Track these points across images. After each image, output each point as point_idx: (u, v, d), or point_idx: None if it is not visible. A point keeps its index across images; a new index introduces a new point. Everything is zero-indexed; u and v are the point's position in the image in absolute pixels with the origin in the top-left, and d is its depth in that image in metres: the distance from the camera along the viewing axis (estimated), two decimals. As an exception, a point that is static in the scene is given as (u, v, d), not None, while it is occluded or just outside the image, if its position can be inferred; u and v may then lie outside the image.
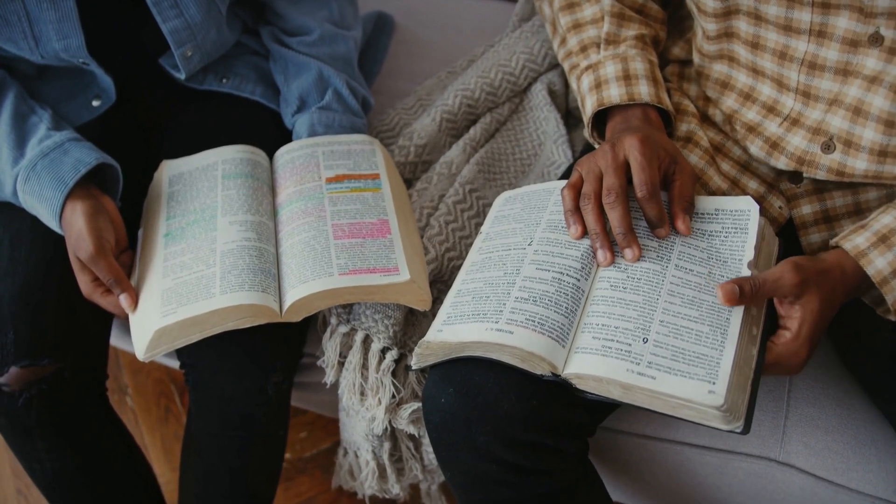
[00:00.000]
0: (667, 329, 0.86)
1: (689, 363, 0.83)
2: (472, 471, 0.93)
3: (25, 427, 1.07)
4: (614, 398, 0.84)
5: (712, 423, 0.81)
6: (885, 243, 0.89)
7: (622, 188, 0.92)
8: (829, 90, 0.97)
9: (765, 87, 1.03)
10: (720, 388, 0.80)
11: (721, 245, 0.92)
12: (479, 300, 0.94)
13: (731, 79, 1.07)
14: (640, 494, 1.20)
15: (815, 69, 0.96)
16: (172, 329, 0.97)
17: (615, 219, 0.91)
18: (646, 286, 0.90)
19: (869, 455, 1.02)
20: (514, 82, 1.36)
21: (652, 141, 0.94)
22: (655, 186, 0.91)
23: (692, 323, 0.86)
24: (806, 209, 1.05)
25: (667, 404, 0.82)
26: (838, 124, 0.97)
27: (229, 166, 1.13)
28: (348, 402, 1.11)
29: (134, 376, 1.77)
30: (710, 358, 0.83)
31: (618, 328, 0.87)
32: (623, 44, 1.09)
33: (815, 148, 0.99)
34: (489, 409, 0.89)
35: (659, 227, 0.92)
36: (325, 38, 1.23)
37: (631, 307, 0.88)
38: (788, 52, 0.97)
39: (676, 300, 0.88)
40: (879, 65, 0.92)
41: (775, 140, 1.03)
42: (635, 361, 0.84)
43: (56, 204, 1.02)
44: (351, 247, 1.03)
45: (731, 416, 0.80)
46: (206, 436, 1.15)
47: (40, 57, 1.08)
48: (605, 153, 0.94)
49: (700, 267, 0.91)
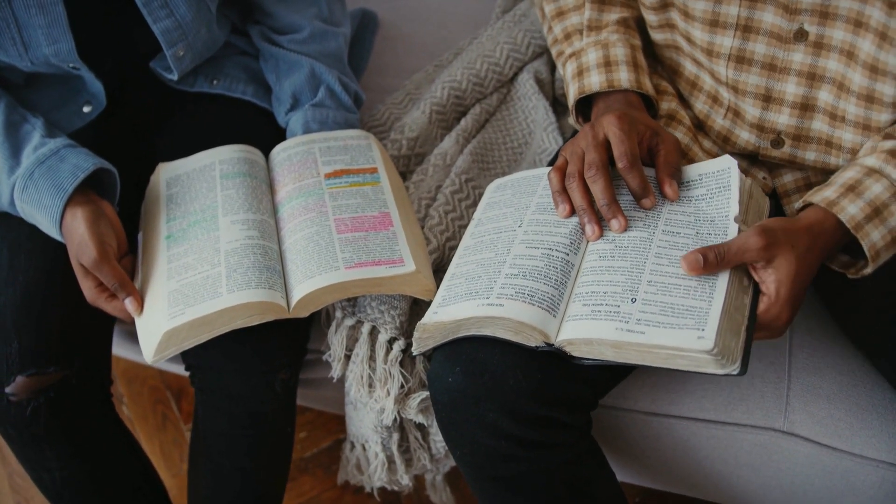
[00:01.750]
0: (654, 288, 0.87)
1: (678, 316, 0.84)
2: (481, 448, 0.94)
3: (34, 436, 1.07)
4: (608, 359, 0.86)
5: (707, 369, 0.82)
6: (853, 192, 0.90)
7: (603, 162, 0.94)
8: (757, 84, 0.99)
9: (706, 77, 1.06)
10: (709, 334, 0.81)
11: (707, 207, 0.93)
12: (471, 280, 0.96)
13: (679, 66, 1.10)
14: (645, 472, 1.22)
15: (743, 63, 0.99)
16: (181, 330, 0.97)
17: (598, 191, 0.93)
18: (633, 253, 0.91)
19: (871, 420, 1.05)
20: (500, 72, 1.37)
21: (630, 116, 0.97)
22: (635, 156, 0.93)
23: (680, 280, 0.87)
24: (787, 178, 1.08)
25: (658, 357, 0.83)
26: (785, 121, 1.00)
27: (227, 166, 1.13)
28: (356, 394, 1.11)
29: (129, 385, 1.76)
30: (699, 309, 0.84)
31: (606, 293, 0.89)
32: (605, 29, 1.10)
33: (765, 143, 1.03)
34: (496, 385, 0.91)
35: (643, 197, 0.93)
36: (316, 35, 1.23)
37: (619, 272, 0.90)
38: (714, 48, 1.00)
39: (664, 261, 0.89)
40: (808, 59, 0.95)
41: (725, 135, 1.07)
42: (624, 320, 0.85)
43: (56, 211, 1.02)
44: (355, 240, 1.04)
45: (725, 360, 0.81)
46: (214, 436, 1.16)
47: (30, 63, 1.07)
48: (586, 134, 0.97)
49: (687, 230, 0.92)
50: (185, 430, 1.68)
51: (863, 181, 0.91)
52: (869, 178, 0.91)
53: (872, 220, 0.90)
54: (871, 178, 0.91)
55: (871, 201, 0.90)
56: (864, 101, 0.94)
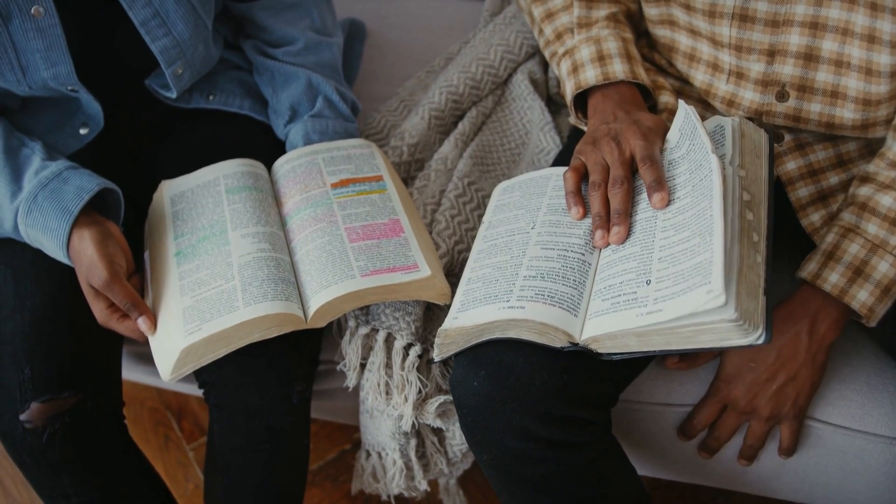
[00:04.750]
0: (665, 263, 0.85)
1: (688, 279, 0.81)
2: (508, 451, 0.95)
3: (51, 464, 1.06)
4: (634, 350, 0.86)
5: (732, 340, 0.79)
6: (833, 258, 0.97)
7: (628, 178, 0.96)
8: (761, 41, 1.01)
9: (704, 45, 1.08)
10: (716, 284, 0.77)
11: (694, 157, 0.91)
12: (489, 284, 0.96)
13: (674, 42, 1.12)
14: (660, 464, 1.23)
15: (746, 21, 1.01)
16: (199, 346, 0.97)
17: (617, 202, 0.94)
18: (641, 235, 0.91)
19: (882, 399, 1.06)
20: (495, 74, 1.38)
21: (652, 131, 0.99)
22: (655, 159, 0.95)
23: (685, 243, 0.85)
24: (791, 165, 1.09)
25: (682, 337, 0.82)
26: (790, 72, 1.02)
27: (231, 181, 1.13)
28: (373, 402, 1.11)
29: (128, 407, 1.71)
30: (704, 262, 0.80)
31: (622, 282, 0.88)
32: (595, 26, 1.12)
33: (770, 98, 1.05)
34: (522, 387, 0.91)
35: (657, 190, 0.92)
36: (310, 46, 1.23)
37: (631, 259, 0.90)
38: (717, 9, 1.01)
39: (670, 232, 0.88)
40: (810, 10, 0.97)
41: (730, 98, 1.08)
42: (642, 304, 0.84)
43: (62, 234, 1.01)
44: (368, 248, 1.04)
45: (747, 325, 0.78)
46: (231, 453, 1.15)
47: (28, 88, 1.06)
48: (612, 149, 0.98)
49: (684, 190, 0.91)
50: (188, 450, 1.67)
51: (840, 244, 0.97)
52: (845, 239, 0.97)
53: (856, 282, 0.96)
54: (846, 238, 0.97)
55: (850, 263, 0.96)
56: (866, 41, 0.96)
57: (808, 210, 1.09)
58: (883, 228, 0.96)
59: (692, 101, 1.15)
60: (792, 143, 1.09)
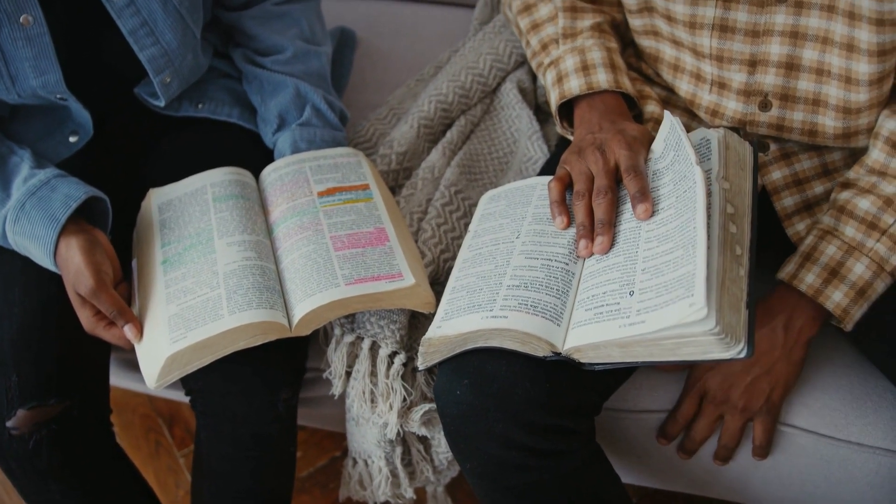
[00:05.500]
0: (649, 274, 0.86)
1: (670, 291, 0.81)
2: (492, 459, 0.95)
3: (38, 471, 1.06)
4: (616, 360, 0.86)
5: (713, 354, 0.78)
6: (809, 259, 0.98)
7: (612, 188, 0.96)
8: (742, 52, 1.02)
9: (686, 56, 1.08)
10: (698, 297, 0.77)
11: (678, 168, 0.91)
12: (473, 293, 0.97)
13: (659, 52, 1.13)
14: (646, 472, 1.23)
15: (727, 31, 1.01)
16: (184, 354, 0.97)
17: (601, 212, 0.95)
18: (624, 245, 0.92)
19: (866, 408, 1.07)
20: (484, 83, 1.39)
21: (637, 140, 0.99)
22: (639, 169, 0.95)
23: (668, 255, 0.85)
24: (776, 174, 1.10)
25: (665, 349, 0.82)
26: (772, 81, 1.03)
27: (219, 189, 1.13)
28: (359, 410, 1.12)
29: (119, 414, 1.74)
30: (687, 275, 0.80)
31: (605, 293, 0.89)
32: (580, 36, 1.13)
33: (753, 108, 1.06)
34: (505, 396, 0.92)
35: (641, 201, 0.92)
36: (299, 55, 1.24)
37: (614, 269, 0.90)
38: (697, 20, 1.02)
39: (654, 243, 0.88)
40: (790, 20, 0.98)
41: (714, 108, 1.09)
42: (625, 315, 0.84)
43: (50, 241, 1.01)
44: (353, 257, 1.04)
45: (729, 339, 0.78)
46: (217, 460, 1.15)
47: (17, 96, 1.07)
48: (597, 159, 0.98)
49: (668, 201, 0.91)
50: (178, 457, 1.67)
51: (817, 246, 0.98)
52: (822, 241, 0.98)
53: (831, 283, 0.97)
54: (824, 240, 0.98)
55: (826, 265, 0.96)
56: (845, 50, 0.97)
57: (794, 219, 1.10)
58: (860, 231, 0.97)
59: (678, 111, 1.15)
60: (777, 153, 1.10)
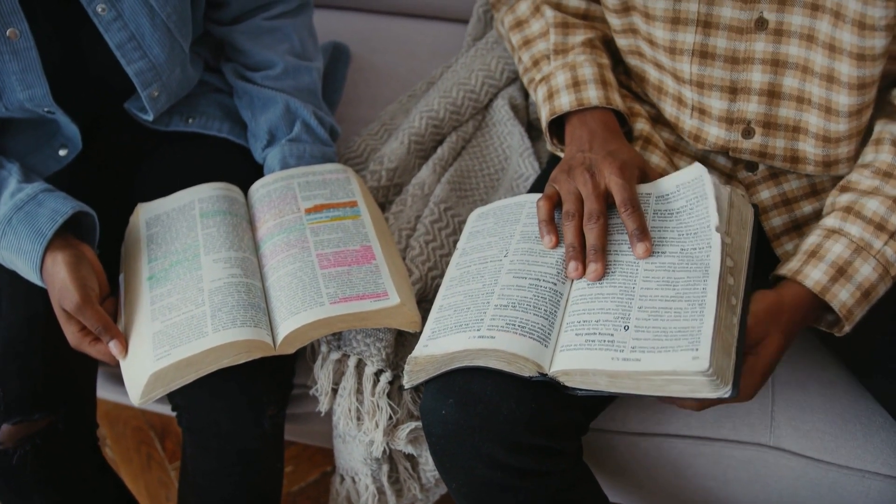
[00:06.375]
0: (646, 314, 0.87)
1: (671, 339, 0.84)
2: (477, 479, 0.94)
3: (22, 485, 1.06)
4: (602, 389, 0.86)
5: (701, 393, 0.81)
6: (815, 256, 0.94)
7: (603, 213, 0.96)
8: (722, 78, 1.01)
9: (668, 79, 1.08)
10: (703, 353, 0.81)
11: (688, 219, 0.94)
12: (460, 312, 0.96)
13: (644, 72, 1.12)
14: (636, 492, 1.22)
15: (707, 58, 1.01)
16: (167, 372, 0.97)
17: (593, 238, 0.95)
18: (621, 278, 0.92)
19: (855, 431, 1.06)
20: (476, 99, 1.39)
21: (628, 165, 0.99)
22: (636, 203, 0.95)
23: (670, 303, 0.87)
24: (765, 194, 1.09)
25: (653, 385, 0.83)
26: (755, 109, 1.02)
27: (206, 205, 1.13)
28: (345, 427, 1.11)
29: (112, 426, 1.74)
30: (692, 329, 0.84)
31: (598, 321, 0.89)
32: (571, 52, 1.12)
33: (736, 136, 1.05)
34: (491, 416, 0.91)
35: (640, 240, 0.93)
36: (289, 70, 1.23)
37: (609, 300, 0.90)
38: (677, 45, 1.02)
39: (652, 284, 0.90)
40: (770, 47, 0.97)
41: (696, 133, 1.08)
42: (619, 349, 0.85)
43: (36, 256, 1.01)
44: (338, 275, 1.04)
45: (719, 381, 0.81)
46: (203, 475, 1.15)
47: (4, 109, 1.07)
48: (586, 181, 0.98)
49: (672, 247, 0.92)
50: (170, 470, 1.67)
51: (823, 244, 0.95)
52: (829, 239, 0.95)
53: (838, 281, 0.93)
54: (830, 239, 0.95)
55: (834, 262, 0.93)
56: (825, 81, 0.96)
57: (783, 239, 1.09)
58: (867, 232, 0.94)
59: (667, 129, 1.14)
60: (766, 173, 1.09)
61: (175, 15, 1.09)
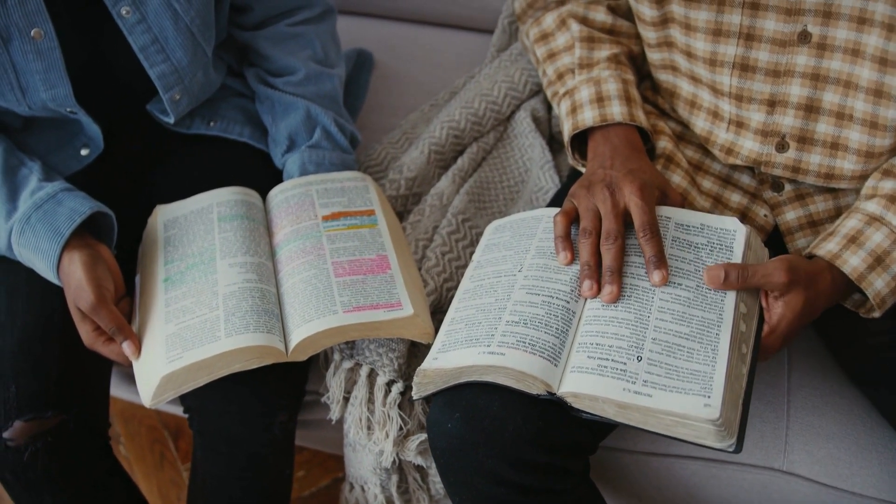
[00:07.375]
0: (659, 347, 0.87)
1: (683, 380, 0.84)
2: (481, 495, 0.93)
3: (32, 482, 1.06)
4: (608, 417, 0.86)
5: (706, 441, 0.82)
6: (855, 243, 0.93)
7: (621, 233, 0.95)
8: (762, 91, 1.01)
9: (704, 93, 1.07)
10: (715, 402, 0.81)
11: (707, 258, 0.94)
12: (471, 326, 0.96)
13: (676, 87, 1.11)
14: (646, 512, 1.21)
15: (747, 71, 1.00)
16: (179, 374, 0.97)
17: (609, 259, 0.94)
18: (636, 303, 0.91)
19: (871, 459, 1.05)
20: (498, 111, 1.38)
21: (648, 186, 0.98)
22: (655, 228, 0.94)
23: (683, 340, 0.87)
24: (790, 215, 1.08)
25: (661, 423, 0.83)
26: (790, 123, 1.01)
27: (224, 208, 1.13)
28: (355, 436, 1.11)
29: (126, 424, 1.75)
30: (704, 374, 0.84)
31: (612, 347, 0.88)
32: (596, 67, 1.11)
33: (770, 149, 1.04)
34: (496, 432, 0.90)
35: (657, 268, 0.92)
36: (311, 77, 1.24)
37: (623, 325, 0.90)
38: (717, 57, 1.01)
39: (667, 316, 0.89)
40: (811, 61, 0.96)
41: (729, 147, 1.07)
42: (631, 380, 0.85)
43: (53, 255, 1.02)
44: (353, 284, 1.04)
45: (726, 432, 0.81)
46: (212, 478, 1.15)
47: (27, 108, 1.08)
48: (606, 199, 0.97)
49: (688, 280, 0.92)
50: (182, 470, 1.67)
51: (864, 231, 0.94)
52: (870, 227, 0.94)
53: (875, 269, 0.92)
54: (871, 226, 0.94)
55: (873, 251, 0.92)
56: (872, 95, 0.95)
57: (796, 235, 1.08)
58: None
59: (692, 147, 1.13)
60: (792, 194, 1.08)
61: (198, 19, 1.09)
